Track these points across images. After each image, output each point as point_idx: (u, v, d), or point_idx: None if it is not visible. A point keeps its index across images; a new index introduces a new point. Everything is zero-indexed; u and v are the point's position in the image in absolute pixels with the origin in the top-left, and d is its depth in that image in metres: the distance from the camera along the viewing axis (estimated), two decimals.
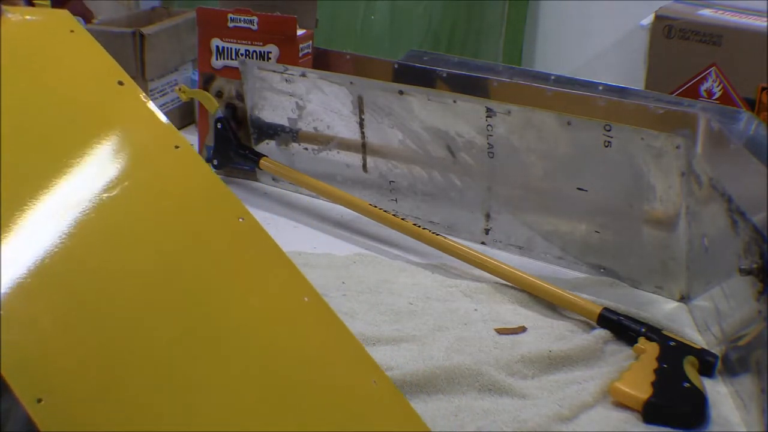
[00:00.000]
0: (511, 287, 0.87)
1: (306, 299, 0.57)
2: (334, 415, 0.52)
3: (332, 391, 0.53)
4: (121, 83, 0.62)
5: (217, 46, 1.10)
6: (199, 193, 0.59)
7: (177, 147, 0.60)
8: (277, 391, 0.51)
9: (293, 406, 0.51)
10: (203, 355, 0.50)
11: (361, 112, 1.01)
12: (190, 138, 1.24)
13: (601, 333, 0.79)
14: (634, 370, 0.72)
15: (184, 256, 0.55)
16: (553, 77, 1.12)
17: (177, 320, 0.51)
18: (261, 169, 1.08)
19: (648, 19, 1.31)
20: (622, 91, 1.07)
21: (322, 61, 1.16)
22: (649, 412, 0.68)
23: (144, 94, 0.62)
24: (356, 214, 1.00)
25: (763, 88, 1.12)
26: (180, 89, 1.13)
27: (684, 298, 0.87)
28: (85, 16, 1.41)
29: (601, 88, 1.08)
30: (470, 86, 1.06)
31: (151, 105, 0.62)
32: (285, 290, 0.57)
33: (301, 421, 0.51)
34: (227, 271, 0.56)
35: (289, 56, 1.08)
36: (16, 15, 0.62)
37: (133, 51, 1.18)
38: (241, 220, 0.59)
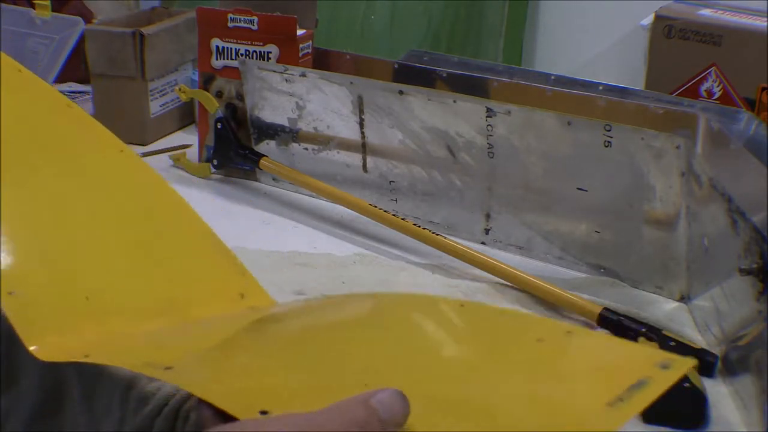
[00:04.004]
0: (511, 287, 0.87)
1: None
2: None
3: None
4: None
5: (217, 46, 1.10)
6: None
7: (69, 106, 0.70)
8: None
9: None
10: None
11: (361, 112, 1.01)
12: (191, 138, 1.25)
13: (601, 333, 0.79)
14: None
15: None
16: (553, 77, 1.12)
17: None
18: (261, 169, 1.08)
19: (648, 19, 1.30)
20: (622, 91, 1.07)
21: (322, 61, 1.16)
22: (649, 412, 0.68)
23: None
24: (356, 214, 1.00)
25: (763, 88, 1.12)
26: (180, 89, 1.13)
27: (684, 298, 0.87)
28: (85, 16, 1.41)
29: (601, 88, 1.08)
30: (470, 86, 1.06)
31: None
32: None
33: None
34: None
35: (289, 56, 1.08)
36: None
37: (133, 51, 1.18)
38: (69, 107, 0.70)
